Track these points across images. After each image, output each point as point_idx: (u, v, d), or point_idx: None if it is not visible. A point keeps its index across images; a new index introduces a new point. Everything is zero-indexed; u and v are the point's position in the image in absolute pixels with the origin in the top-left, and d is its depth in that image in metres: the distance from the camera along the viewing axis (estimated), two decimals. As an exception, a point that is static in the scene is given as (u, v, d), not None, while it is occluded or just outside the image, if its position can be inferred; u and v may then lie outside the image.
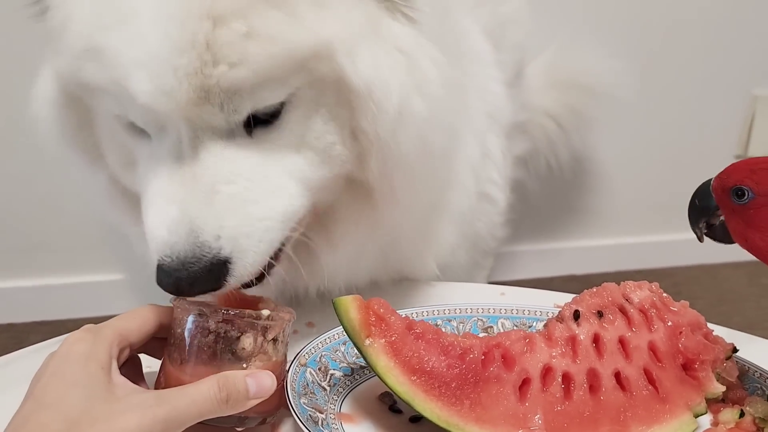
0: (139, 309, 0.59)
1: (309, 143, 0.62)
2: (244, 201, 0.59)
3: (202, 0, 0.55)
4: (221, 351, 0.55)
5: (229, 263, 0.58)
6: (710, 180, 0.61)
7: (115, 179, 0.71)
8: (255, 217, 0.59)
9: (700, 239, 0.63)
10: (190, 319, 0.56)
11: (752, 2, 1.84)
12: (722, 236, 0.61)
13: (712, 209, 0.60)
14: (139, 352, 0.60)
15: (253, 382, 0.54)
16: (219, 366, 0.55)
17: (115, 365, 0.53)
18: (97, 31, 0.57)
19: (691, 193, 0.63)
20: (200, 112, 0.58)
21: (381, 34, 0.63)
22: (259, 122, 0.60)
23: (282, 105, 0.60)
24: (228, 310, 0.56)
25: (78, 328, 0.55)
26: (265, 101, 0.59)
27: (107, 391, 0.50)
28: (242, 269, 0.59)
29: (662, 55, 1.83)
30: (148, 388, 0.57)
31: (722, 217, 0.60)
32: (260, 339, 0.56)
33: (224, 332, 0.56)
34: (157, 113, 0.58)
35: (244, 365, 0.56)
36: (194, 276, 0.57)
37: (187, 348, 0.56)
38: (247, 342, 0.56)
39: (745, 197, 0.57)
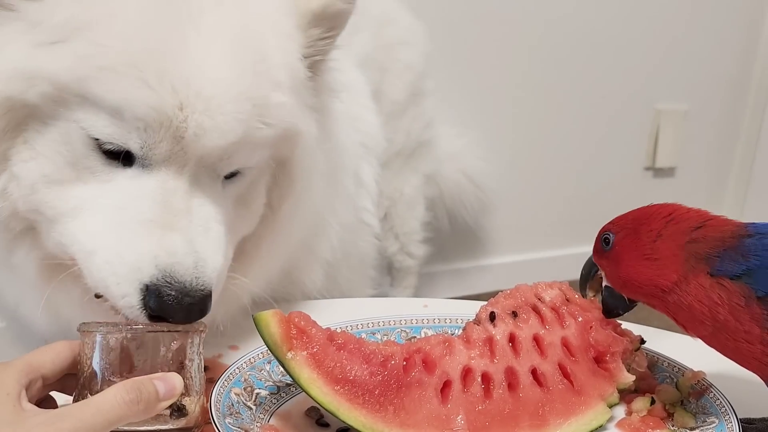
0: (53, 343, 0.58)
1: (245, 202, 0.69)
2: (220, 247, 0.63)
3: (268, 65, 0.64)
4: (129, 366, 0.56)
5: (209, 300, 0.60)
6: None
7: (11, 207, 0.63)
8: (221, 268, 0.63)
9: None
10: (97, 339, 0.56)
11: (653, 24, 1.96)
12: (613, 299, 0.64)
13: (592, 270, 0.66)
14: (55, 389, 0.58)
15: (161, 384, 0.54)
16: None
17: (23, 394, 0.52)
18: (164, 56, 0.58)
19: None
20: (220, 155, 0.62)
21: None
22: (226, 177, 0.66)
23: (247, 168, 0.67)
24: (131, 325, 0.57)
25: None
26: (252, 161, 0.66)
27: (13, 415, 0.50)
28: (209, 309, 0.61)
29: (569, 75, 1.92)
30: None
31: (600, 273, 0.65)
32: (163, 350, 0.57)
33: (129, 347, 0.56)
34: (191, 148, 0.60)
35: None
36: (201, 304, 0.59)
37: (97, 368, 0.55)
38: (152, 353, 0.56)
39: (610, 241, 0.63)
